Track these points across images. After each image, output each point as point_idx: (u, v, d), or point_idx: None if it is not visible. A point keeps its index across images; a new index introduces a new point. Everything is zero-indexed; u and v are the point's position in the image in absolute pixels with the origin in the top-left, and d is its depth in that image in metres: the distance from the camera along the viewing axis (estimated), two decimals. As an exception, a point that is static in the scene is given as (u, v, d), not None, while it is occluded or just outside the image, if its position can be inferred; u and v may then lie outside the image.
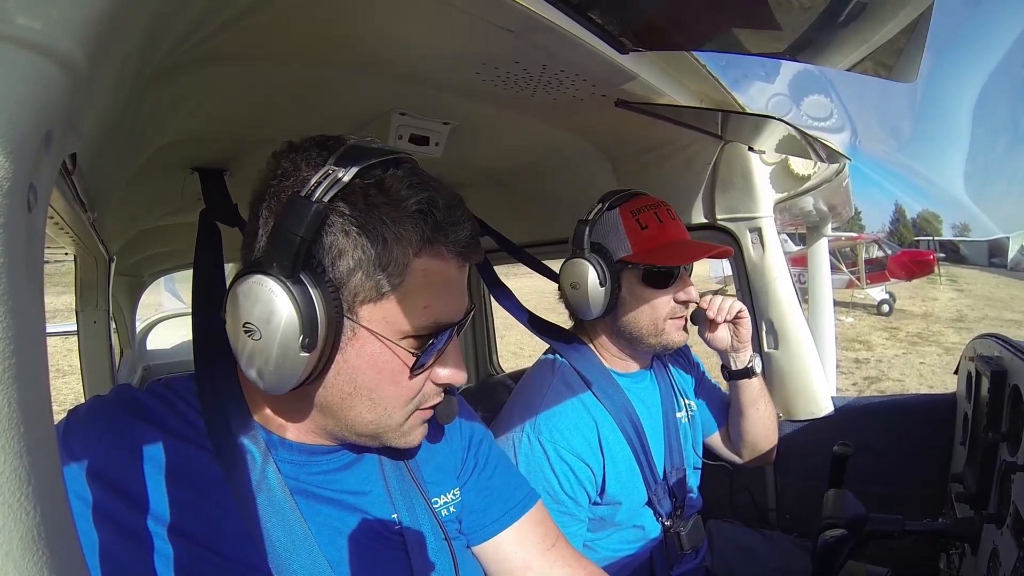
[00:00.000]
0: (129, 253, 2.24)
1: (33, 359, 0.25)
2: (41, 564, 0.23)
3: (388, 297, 0.56)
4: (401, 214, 0.54)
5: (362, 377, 0.58)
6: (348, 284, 0.54)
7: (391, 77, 0.88)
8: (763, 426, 1.26)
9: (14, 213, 0.24)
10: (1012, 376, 0.97)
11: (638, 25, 0.73)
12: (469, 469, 0.78)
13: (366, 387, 0.58)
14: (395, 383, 0.59)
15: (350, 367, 0.57)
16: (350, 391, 0.58)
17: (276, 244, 0.51)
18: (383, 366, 0.58)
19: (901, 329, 9.98)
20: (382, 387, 0.59)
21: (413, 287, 0.56)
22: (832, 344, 3.86)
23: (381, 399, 0.59)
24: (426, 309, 0.57)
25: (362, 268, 0.54)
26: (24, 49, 0.25)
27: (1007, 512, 0.85)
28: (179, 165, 1.12)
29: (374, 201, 0.54)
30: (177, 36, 0.59)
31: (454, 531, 0.73)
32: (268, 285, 0.51)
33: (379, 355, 0.57)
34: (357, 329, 0.56)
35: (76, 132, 0.35)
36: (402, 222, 0.54)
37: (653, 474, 1.12)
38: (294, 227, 0.50)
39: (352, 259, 0.54)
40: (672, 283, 1.09)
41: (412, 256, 0.55)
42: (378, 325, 0.56)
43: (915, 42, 0.61)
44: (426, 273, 0.56)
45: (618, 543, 1.13)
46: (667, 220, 1.09)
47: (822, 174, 1.39)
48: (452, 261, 0.59)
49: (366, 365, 0.57)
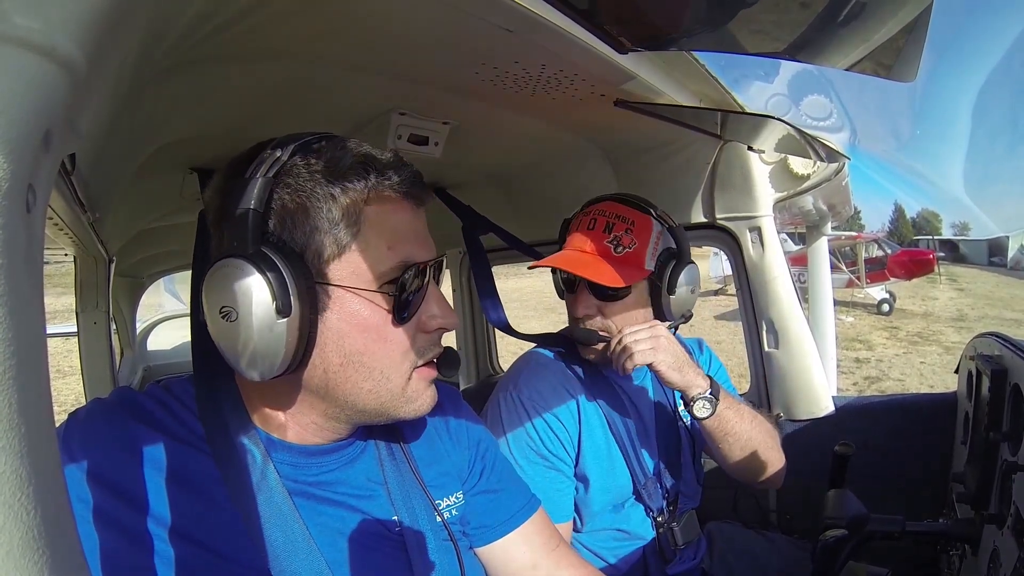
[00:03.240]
0: (129, 254, 2.24)
1: (33, 360, 0.25)
2: (42, 564, 0.23)
3: (350, 248, 0.56)
4: (343, 170, 0.56)
5: (349, 341, 0.57)
6: (310, 248, 0.55)
7: (390, 77, 0.88)
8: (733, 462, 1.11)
9: (13, 214, 0.24)
10: (1013, 375, 0.97)
11: (637, 25, 0.73)
12: (477, 473, 0.78)
13: (356, 352, 0.57)
14: (383, 338, 0.58)
15: (334, 334, 0.57)
16: (341, 361, 0.57)
17: (233, 226, 0.53)
18: (366, 321, 0.57)
19: (901, 328, 9.98)
20: (371, 347, 0.58)
21: (372, 232, 0.57)
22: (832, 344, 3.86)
23: (375, 361, 0.58)
24: (391, 250, 0.58)
25: (318, 229, 0.55)
26: (23, 49, 0.25)
27: (1008, 512, 0.85)
28: (179, 165, 1.12)
29: (315, 168, 0.55)
30: (177, 36, 0.59)
31: (456, 533, 0.73)
32: (232, 264, 0.52)
33: (359, 311, 0.57)
34: (331, 291, 0.56)
35: (75, 132, 0.35)
36: (345, 176, 0.56)
37: (642, 468, 1.11)
38: (244, 203, 0.52)
39: (308, 224, 0.55)
40: (572, 292, 1.09)
41: (363, 204, 0.56)
42: (349, 279, 0.56)
43: (914, 41, 0.61)
44: (380, 217, 0.57)
45: (609, 541, 1.13)
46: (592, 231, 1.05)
47: (821, 173, 1.39)
48: (403, 202, 0.60)
49: (348, 326, 0.57)
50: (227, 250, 0.53)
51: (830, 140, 1.19)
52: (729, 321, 9.60)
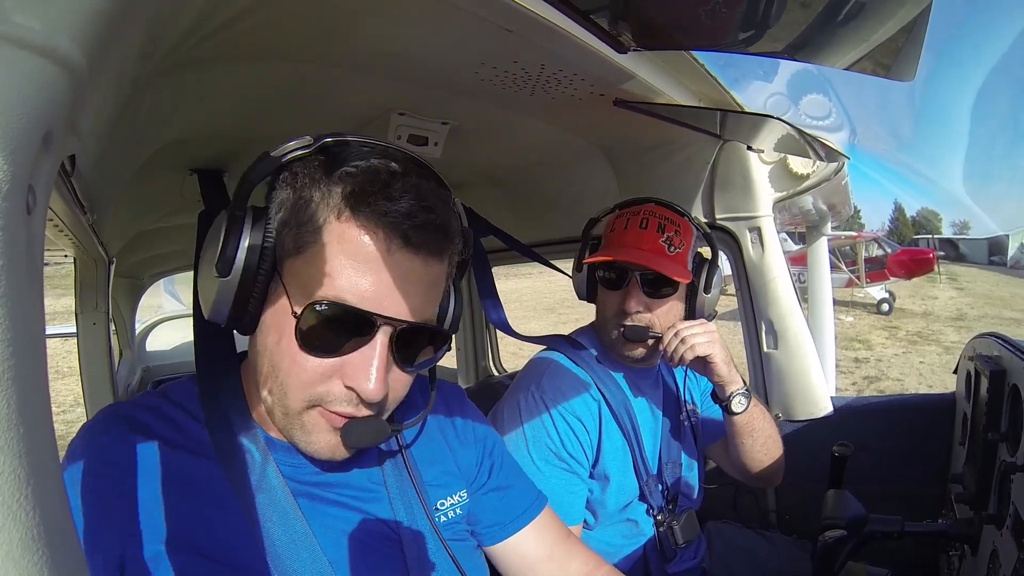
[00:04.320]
0: (129, 255, 2.23)
1: (33, 361, 0.25)
2: (41, 564, 0.23)
3: (302, 254, 0.55)
4: (337, 179, 0.55)
5: (269, 337, 0.56)
6: (280, 236, 0.56)
7: (390, 77, 0.88)
8: (752, 458, 1.18)
9: (13, 215, 0.24)
10: (1011, 376, 0.97)
11: (636, 25, 0.73)
12: (486, 470, 0.78)
13: (268, 350, 0.57)
14: (290, 354, 0.55)
15: (266, 324, 0.57)
16: (261, 350, 0.57)
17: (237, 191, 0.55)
18: (283, 327, 0.55)
19: (901, 328, 9.98)
20: (279, 354, 0.55)
21: (325, 250, 0.54)
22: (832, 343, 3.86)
23: (278, 370, 0.56)
24: (327, 278, 0.53)
25: (289, 223, 0.55)
26: (23, 49, 0.25)
27: (1007, 513, 0.85)
28: (179, 166, 1.12)
29: (318, 163, 0.56)
30: (177, 36, 0.59)
31: (461, 532, 0.72)
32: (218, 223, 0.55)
33: (283, 314, 0.55)
34: (277, 286, 0.56)
35: (75, 133, 0.35)
36: (333, 182, 0.55)
37: (646, 466, 1.13)
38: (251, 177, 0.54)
39: (286, 212, 0.55)
40: (619, 289, 1.09)
41: (332, 218, 0.54)
42: (291, 282, 0.55)
43: (914, 41, 0.61)
44: (341, 239, 0.53)
45: (612, 537, 1.14)
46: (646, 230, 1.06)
47: (821, 173, 1.39)
48: (380, 234, 0.53)
49: (272, 322, 0.56)
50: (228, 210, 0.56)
51: (829, 139, 1.19)
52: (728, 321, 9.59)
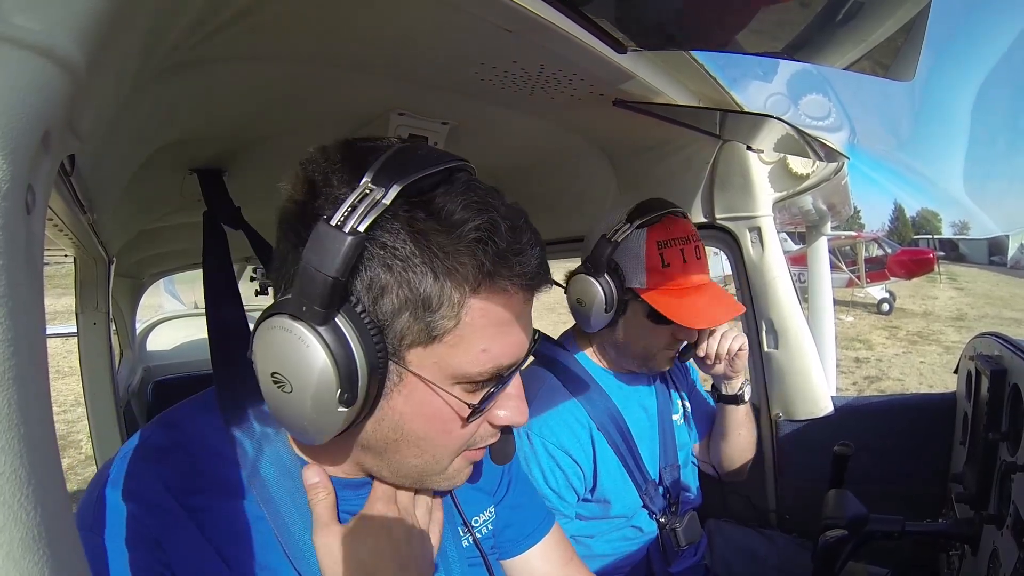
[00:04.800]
0: (129, 254, 2.23)
1: (33, 360, 0.25)
2: (42, 564, 0.23)
3: (440, 340, 0.48)
4: (455, 243, 0.46)
5: (410, 425, 0.52)
6: (393, 326, 0.47)
7: (390, 77, 0.88)
8: (741, 449, 1.26)
9: (13, 215, 0.24)
10: (1012, 375, 0.97)
11: (636, 25, 0.73)
12: (505, 486, 0.77)
13: (414, 435, 0.53)
14: (447, 432, 0.53)
15: (396, 414, 0.51)
16: (396, 437, 0.53)
17: (305, 283, 0.44)
18: (434, 415, 0.51)
19: (901, 328, 9.98)
20: (432, 436, 0.53)
21: (470, 329, 0.48)
22: (832, 343, 3.86)
23: (430, 447, 0.54)
24: (484, 353, 0.50)
25: (408, 309, 0.46)
26: (22, 49, 0.25)
27: (1007, 512, 0.85)
28: (178, 165, 1.12)
29: (422, 228, 0.45)
30: (177, 36, 0.59)
31: (489, 548, 0.72)
32: (297, 332, 0.44)
33: (429, 403, 0.51)
34: (404, 374, 0.49)
35: (75, 133, 0.35)
36: (456, 254, 0.46)
37: (643, 474, 1.13)
38: (325, 266, 0.43)
39: (397, 298, 0.46)
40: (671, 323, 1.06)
41: (469, 294, 0.47)
42: (429, 371, 0.49)
43: (913, 41, 0.61)
44: (485, 313, 0.49)
45: (614, 541, 1.14)
46: (692, 261, 1.05)
47: (821, 173, 1.39)
48: (516, 296, 0.50)
49: (414, 413, 0.51)
50: (295, 305, 0.45)
51: (829, 139, 1.19)
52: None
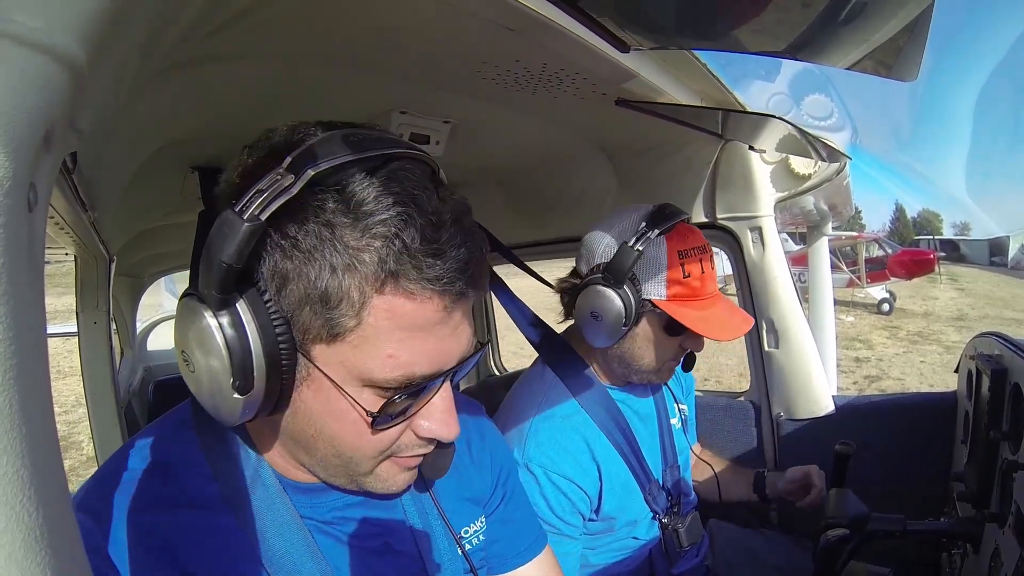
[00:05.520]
0: (130, 253, 2.24)
1: (34, 360, 0.25)
2: (44, 565, 0.23)
3: (343, 339, 0.45)
4: (359, 238, 0.43)
5: (321, 422, 0.49)
6: (298, 317, 0.44)
7: (392, 76, 0.88)
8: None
9: (14, 213, 0.24)
10: (1013, 374, 0.97)
11: (639, 24, 0.73)
12: (498, 499, 0.75)
13: (327, 432, 0.50)
14: (357, 434, 0.49)
15: (307, 409, 0.49)
16: (312, 432, 0.50)
17: (205, 268, 0.41)
18: (341, 415, 0.48)
19: (901, 328, 9.98)
20: (343, 436, 0.49)
21: (374, 331, 0.45)
22: (832, 343, 3.86)
23: (344, 447, 0.50)
24: (391, 359, 0.46)
25: (309, 303, 0.44)
26: (24, 47, 0.25)
27: (1009, 511, 0.85)
28: (179, 165, 1.12)
29: (328, 219, 0.42)
30: (178, 35, 0.59)
31: (479, 560, 0.70)
32: (199, 314, 0.43)
33: (335, 402, 0.47)
34: (311, 369, 0.46)
35: (76, 131, 0.35)
36: (360, 249, 0.43)
37: (646, 474, 1.12)
38: (221, 252, 0.40)
39: (298, 289, 0.44)
40: (682, 334, 1.05)
41: (372, 293, 0.44)
42: (335, 370, 0.46)
43: (915, 41, 0.61)
44: (391, 315, 0.45)
45: (615, 550, 1.14)
46: (708, 273, 1.03)
47: (822, 173, 1.39)
48: (430, 301, 0.45)
49: (322, 410, 0.48)
50: (203, 286, 0.42)
51: (831, 140, 1.18)
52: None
